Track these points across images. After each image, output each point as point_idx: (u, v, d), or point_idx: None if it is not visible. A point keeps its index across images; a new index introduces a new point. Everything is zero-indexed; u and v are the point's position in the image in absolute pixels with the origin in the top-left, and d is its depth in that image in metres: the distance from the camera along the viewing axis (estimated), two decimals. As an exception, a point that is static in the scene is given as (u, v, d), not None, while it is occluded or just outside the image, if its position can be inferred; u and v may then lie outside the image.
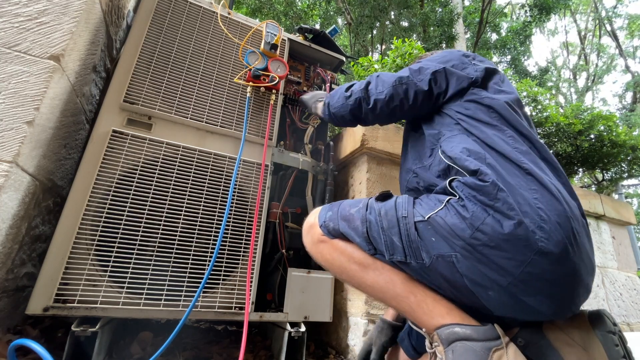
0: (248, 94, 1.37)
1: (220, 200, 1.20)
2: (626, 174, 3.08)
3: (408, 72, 0.91)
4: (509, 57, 9.51)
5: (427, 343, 0.66)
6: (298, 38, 1.66)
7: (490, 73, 0.87)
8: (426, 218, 0.67)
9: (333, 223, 0.78)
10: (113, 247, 1.01)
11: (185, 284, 1.08)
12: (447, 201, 0.68)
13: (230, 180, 1.24)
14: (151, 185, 1.11)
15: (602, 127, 2.80)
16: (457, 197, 0.67)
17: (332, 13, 7.64)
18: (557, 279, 0.59)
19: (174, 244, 1.09)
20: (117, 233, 1.03)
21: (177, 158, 1.18)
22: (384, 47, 7.91)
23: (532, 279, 0.58)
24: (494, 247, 0.60)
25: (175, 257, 1.09)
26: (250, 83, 1.38)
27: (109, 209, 1.04)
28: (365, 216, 0.74)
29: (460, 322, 0.63)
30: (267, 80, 1.39)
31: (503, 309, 0.63)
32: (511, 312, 0.63)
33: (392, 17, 7.36)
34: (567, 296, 0.61)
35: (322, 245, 0.79)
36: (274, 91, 1.44)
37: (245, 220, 1.23)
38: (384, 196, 0.78)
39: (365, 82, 0.97)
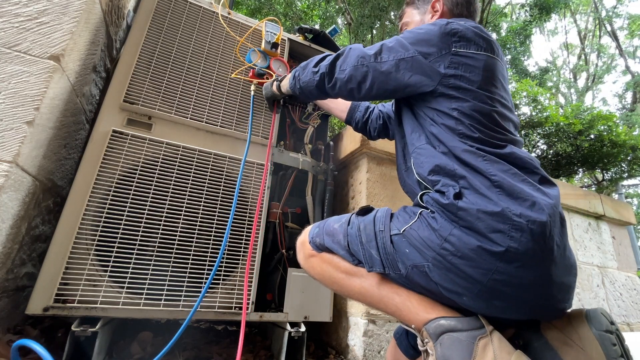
0: (252, 93, 1.37)
1: (220, 200, 1.20)
2: (626, 174, 3.08)
3: (377, 48, 0.83)
4: (509, 56, 9.51)
5: (418, 342, 0.67)
6: (298, 38, 1.66)
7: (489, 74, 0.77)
8: (401, 231, 0.71)
9: (319, 238, 0.83)
10: (113, 247, 1.01)
11: (185, 284, 1.08)
12: (420, 213, 0.71)
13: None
14: (151, 185, 1.11)
15: (602, 127, 2.80)
16: (429, 209, 0.70)
17: (332, 13, 7.64)
18: (526, 283, 0.60)
19: (174, 244, 1.09)
20: (117, 233, 1.03)
21: (177, 158, 1.18)
22: (384, 47, 7.88)
23: (501, 285, 0.60)
24: (461, 257, 0.62)
25: (175, 257, 1.09)
26: (255, 81, 1.38)
27: (109, 209, 1.04)
28: (347, 231, 0.79)
29: (445, 314, 0.65)
30: (270, 79, 1.39)
31: (482, 311, 0.65)
32: (491, 313, 0.65)
33: (392, 17, 7.36)
34: (541, 298, 0.62)
35: (312, 259, 0.84)
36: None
37: (245, 220, 1.23)
38: (365, 211, 0.82)
39: (336, 54, 0.91)
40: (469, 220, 0.62)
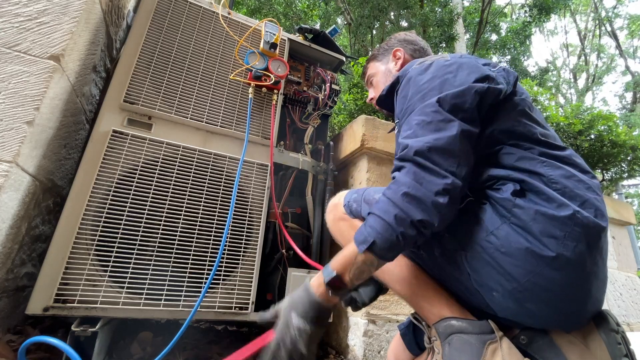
0: (250, 95, 1.37)
1: (220, 200, 1.20)
2: (626, 174, 3.08)
3: (446, 109, 0.64)
4: (508, 57, 9.52)
5: (425, 338, 0.67)
6: (298, 38, 1.66)
7: (516, 80, 0.73)
8: None
9: (356, 204, 0.80)
10: (113, 247, 1.01)
11: (185, 284, 1.08)
12: (468, 201, 0.67)
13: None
14: (151, 185, 1.11)
15: (602, 127, 2.80)
16: (477, 199, 0.66)
17: (331, 13, 7.64)
18: (565, 292, 0.58)
19: (174, 244, 1.09)
20: (117, 233, 1.03)
21: (177, 158, 1.18)
22: (383, 47, 7.88)
23: (538, 289, 0.58)
24: (505, 253, 0.59)
25: (175, 257, 1.08)
26: (252, 84, 1.38)
27: (109, 209, 1.04)
28: None
29: (458, 316, 0.64)
30: (268, 81, 1.39)
31: (507, 312, 0.63)
32: (515, 317, 0.63)
33: (392, 17, 7.37)
34: (575, 311, 0.60)
35: (341, 223, 0.83)
36: (275, 91, 1.44)
37: (245, 220, 1.23)
38: None
39: (411, 162, 0.62)
40: (524, 219, 0.59)
